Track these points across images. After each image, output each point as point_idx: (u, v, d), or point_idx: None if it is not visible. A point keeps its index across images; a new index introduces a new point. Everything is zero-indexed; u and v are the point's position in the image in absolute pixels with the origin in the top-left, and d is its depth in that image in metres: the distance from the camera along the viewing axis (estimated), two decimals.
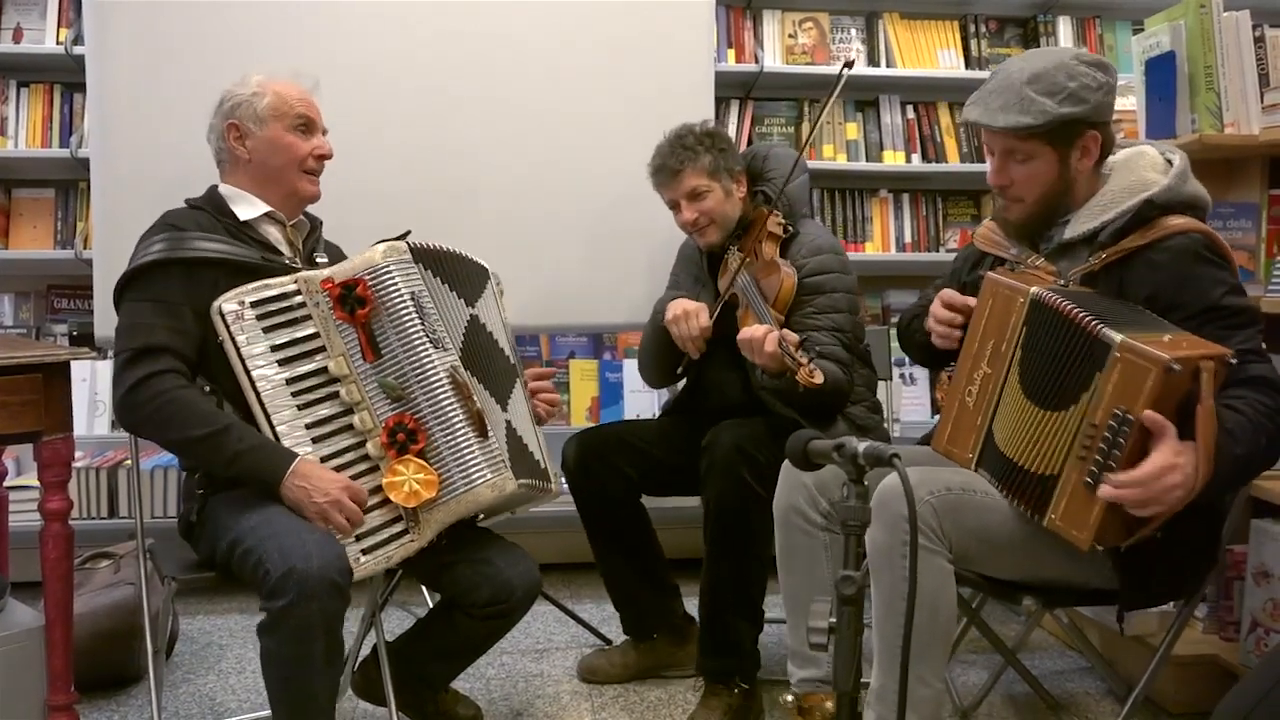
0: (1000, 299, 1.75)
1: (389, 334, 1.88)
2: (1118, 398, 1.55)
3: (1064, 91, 1.73)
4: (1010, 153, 1.80)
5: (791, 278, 2.27)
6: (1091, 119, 1.76)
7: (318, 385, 1.87)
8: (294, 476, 1.78)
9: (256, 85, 2.02)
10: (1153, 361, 1.51)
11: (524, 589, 1.94)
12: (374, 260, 1.90)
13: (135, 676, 2.50)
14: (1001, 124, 1.75)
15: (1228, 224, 2.39)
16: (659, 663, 2.55)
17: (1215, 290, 1.69)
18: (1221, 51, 2.30)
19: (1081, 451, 1.59)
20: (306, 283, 1.89)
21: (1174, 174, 1.76)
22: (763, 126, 3.62)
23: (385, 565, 1.83)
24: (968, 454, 1.79)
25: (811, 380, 1.94)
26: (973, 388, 1.78)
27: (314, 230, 2.14)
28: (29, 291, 3.42)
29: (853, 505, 1.28)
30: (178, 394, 1.81)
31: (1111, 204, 1.77)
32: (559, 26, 2.79)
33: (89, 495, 3.08)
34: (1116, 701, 2.37)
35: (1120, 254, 1.73)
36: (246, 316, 1.84)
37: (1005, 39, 3.74)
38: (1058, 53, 1.79)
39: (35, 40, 3.25)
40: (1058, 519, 1.62)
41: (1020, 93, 1.74)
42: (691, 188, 2.36)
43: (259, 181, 2.02)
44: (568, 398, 3.51)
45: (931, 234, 3.70)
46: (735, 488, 2.17)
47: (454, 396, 1.88)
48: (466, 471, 1.86)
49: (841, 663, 1.25)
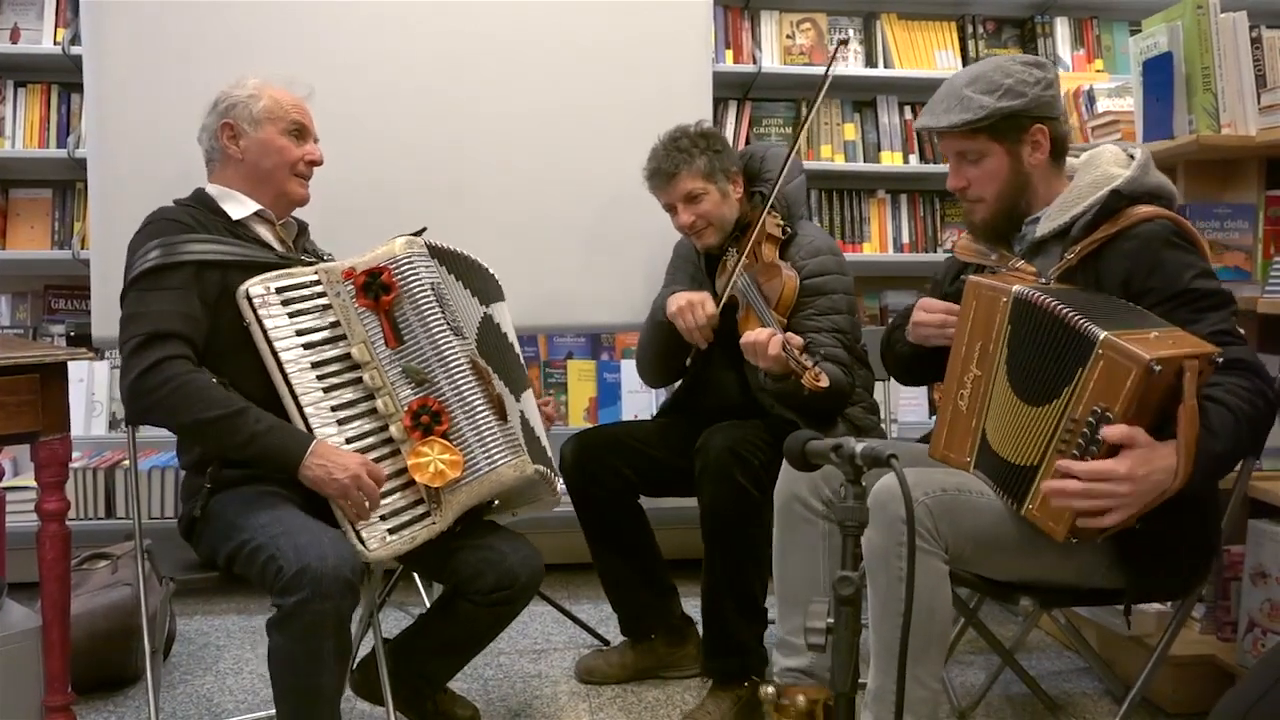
0: (984, 300, 1.76)
1: (411, 320, 1.93)
2: (1098, 395, 1.55)
3: (1000, 88, 1.80)
4: (962, 154, 1.87)
5: (794, 280, 2.27)
6: (1033, 112, 1.81)
7: (341, 370, 1.91)
8: (314, 456, 1.80)
9: (253, 88, 2.05)
10: (1134, 360, 1.51)
11: (527, 575, 1.96)
12: (395, 251, 1.95)
13: (133, 677, 2.49)
14: (944, 123, 1.84)
15: (1224, 225, 2.39)
16: (657, 663, 2.55)
17: (1185, 274, 1.70)
18: (1219, 52, 2.31)
19: (1061, 445, 1.60)
20: (327, 274, 1.94)
21: (1136, 165, 1.80)
22: (760, 127, 3.62)
23: (409, 546, 1.86)
24: (965, 458, 1.79)
25: (817, 384, 1.94)
26: (964, 391, 1.79)
27: (302, 233, 2.17)
28: (26, 292, 3.42)
29: (850, 506, 1.27)
30: (191, 377, 1.83)
31: (1079, 199, 1.80)
32: (557, 27, 2.79)
33: (86, 496, 3.08)
34: (1114, 702, 2.37)
35: (1093, 245, 1.76)
36: (272, 301, 1.88)
37: (1003, 40, 3.75)
38: (995, 58, 1.89)
39: (32, 40, 3.25)
40: (1035, 509, 1.64)
41: (960, 94, 1.83)
42: (687, 191, 2.36)
43: (250, 181, 2.04)
44: (565, 398, 3.51)
45: (929, 234, 3.71)
46: (729, 490, 2.17)
47: (475, 381, 1.93)
48: (489, 452, 1.92)
49: (839, 663, 1.24)
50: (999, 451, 1.72)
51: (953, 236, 3.69)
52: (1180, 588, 1.83)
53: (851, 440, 1.29)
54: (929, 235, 3.71)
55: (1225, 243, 2.38)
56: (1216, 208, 2.40)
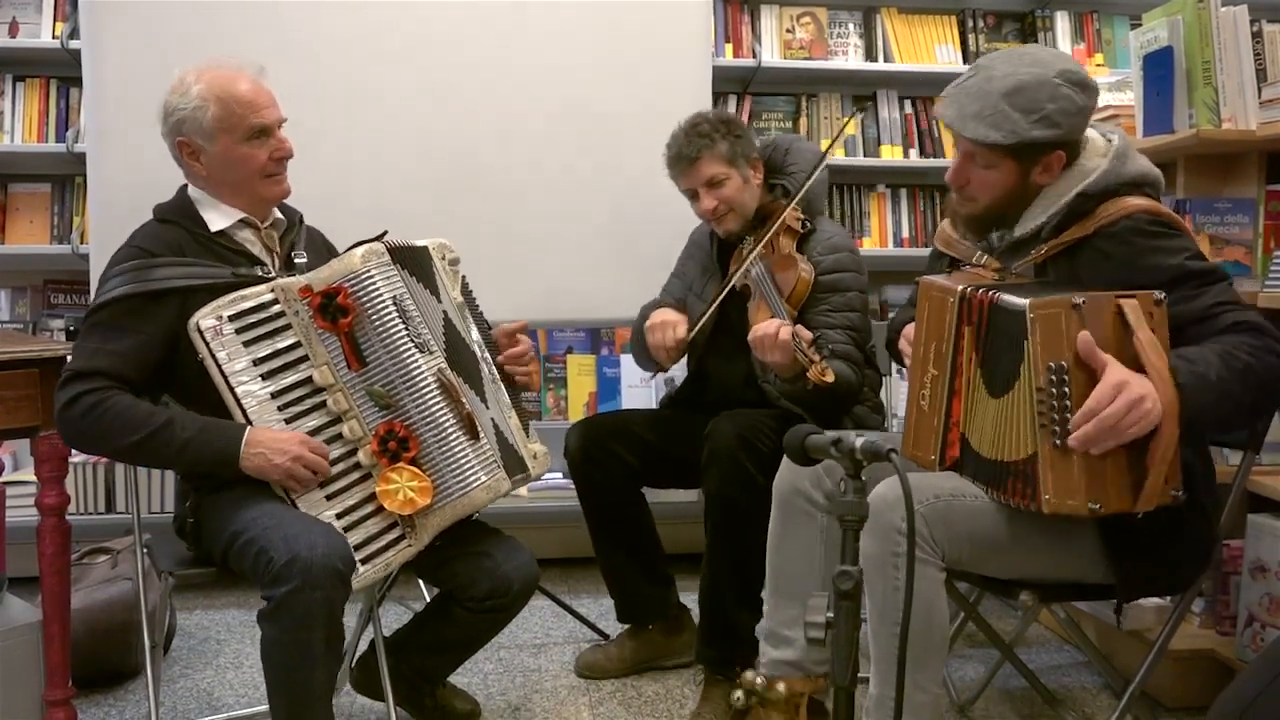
0: (934, 301, 1.77)
1: (373, 341, 1.82)
2: (1047, 353, 1.55)
3: (1040, 112, 1.68)
4: (972, 156, 1.79)
5: (809, 275, 2.26)
6: (1059, 142, 1.73)
7: (304, 396, 1.83)
8: (249, 447, 1.76)
9: (198, 97, 1.89)
10: (1059, 305, 1.54)
11: (521, 583, 1.94)
12: (353, 266, 1.82)
13: (133, 671, 2.50)
14: (970, 134, 1.73)
15: (1224, 219, 2.39)
16: (655, 653, 2.55)
17: (1173, 259, 1.66)
18: (1219, 47, 2.30)
19: (1042, 420, 1.57)
20: (284, 291, 1.83)
21: (1110, 157, 1.74)
22: (760, 121, 3.62)
23: (385, 572, 1.82)
24: (930, 455, 1.79)
25: (823, 378, 1.93)
26: (924, 390, 1.79)
27: (292, 226, 2.06)
28: (25, 286, 3.41)
29: (850, 500, 1.27)
30: (109, 403, 1.76)
31: (1056, 198, 1.76)
32: (557, 22, 2.79)
33: (86, 490, 3.08)
34: (1113, 696, 2.37)
35: (1061, 246, 1.74)
36: (225, 331, 1.79)
37: (1003, 33, 3.74)
38: (1046, 63, 1.71)
39: (31, 34, 3.24)
40: (1051, 497, 1.58)
41: (996, 105, 1.70)
42: (709, 175, 2.34)
43: (222, 190, 1.95)
44: (565, 393, 3.51)
45: (929, 229, 3.71)
46: (737, 476, 2.17)
47: (443, 401, 1.84)
48: (461, 476, 1.84)
49: (839, 658, 1.24)
50: (989, 456, 1.68)
51: None
52: (1175, 584, 1.83)
53: (851, 435, 1.29)
54: (929, 229, 3.70)
55: (1225, 237, 2.38)
56: (1216, 202, 2.40)
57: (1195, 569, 1.81)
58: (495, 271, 2.40)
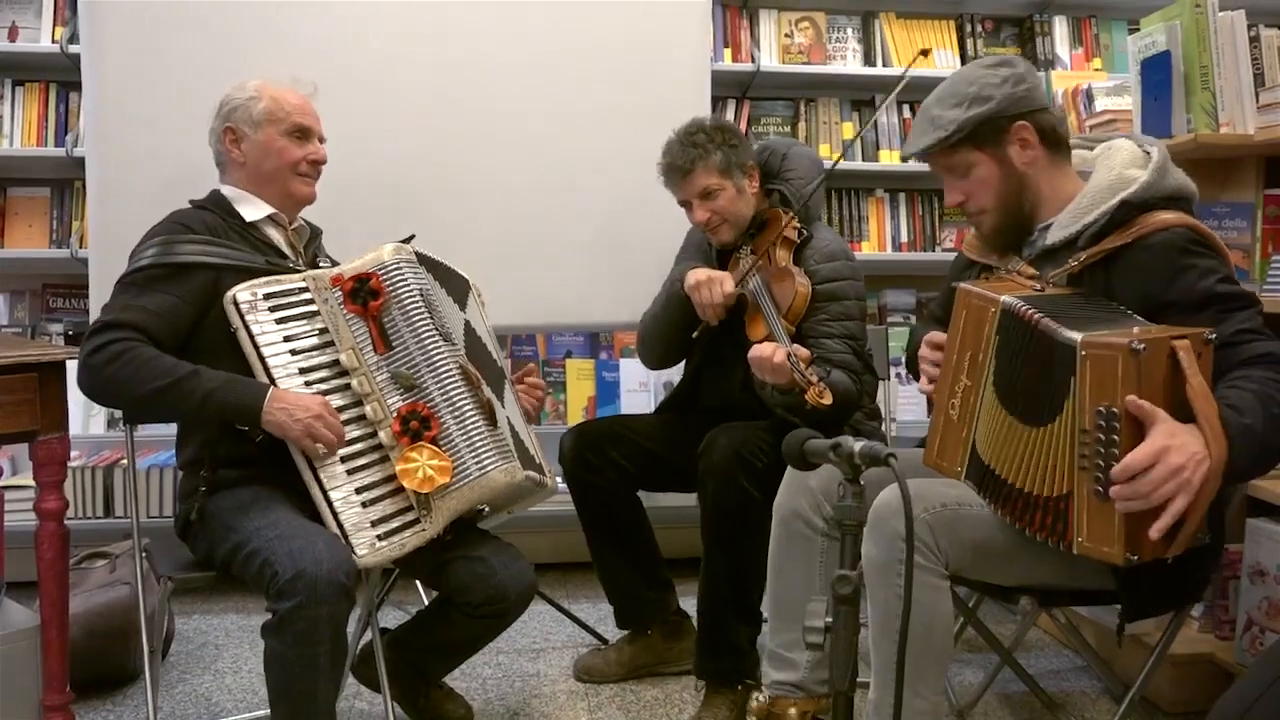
0: (973, 310, 1.73)
1: (400, 326, 1.91)
2: (1097, 395, 1.51)
3: (966, 98, 1.77)
4: (950, 170, 1.83)
5: (806, 288, 2.25)
6: (1008, 112, 1.76)
7: (329, 377, 1.90)
8: (273, 401, 1.80)
9: (254, 90, 2.05)
10: (1115, 348, 1.49)
11: (517, 593, 1.95)
12: (383, 258, 1.94)
13: (131, 676, 2.49)
14: (921, 147, 1.81)
15: (1223, 223, 2.39)
16: (655, 658, 2.55)
17: (1207, 280, 1.64)
18: (1217, 51, 2.31)
19: (1083, 462, 1.53)
20: (315, 280, 1.94)
21: (1152, 169, 1.72)
22: (759, 126, 3.62)
23: (399, 553, 1.84)
24: (956, 467, 1.77)
25: (820, 401, 1.92)
26: (955, 400, 1.76)
27: (314, 238, 2.17)
28: (24, 290, 3.42)
29: (849, 505, 1.28)
30: (136, 351, 1.80)
31: (1092, 205, 1.73)
32: (555, 26, 2.79)
33: (85, 495, 3.08)
34: (1113, 700, 2.37)
35: (1100, 254, 1.71)
36: (260, 307, 1.88)
37: (1001, 39, 3.75)
38: (962, 69, 1.86)
39: (30, 38, 3.24)
40: (1085, 540, 1.54)
41: (930, 115, 1.81)
42: (703, 187, 2.33)
43: (255, 183, 2.06)
44: (564, 397, 3.51)
45: (927, 233, 3.71)
46: (732, 493, 2.16)
47: (465, 386, 1.92)
48: (480, 458, 1.88)
49: (838, 662, 1.24)
50: (1013, 482, 1.65)
51: (951, 235, 3.70)
52: (1180, 601, 1.80)
53: (850, 439, 1.29)
54: (927, 234, 3.71)
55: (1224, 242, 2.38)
56: (1215, 206, 2.40)
57: (1200, 586, 1.80)
58: (494, 275, 2.39)
